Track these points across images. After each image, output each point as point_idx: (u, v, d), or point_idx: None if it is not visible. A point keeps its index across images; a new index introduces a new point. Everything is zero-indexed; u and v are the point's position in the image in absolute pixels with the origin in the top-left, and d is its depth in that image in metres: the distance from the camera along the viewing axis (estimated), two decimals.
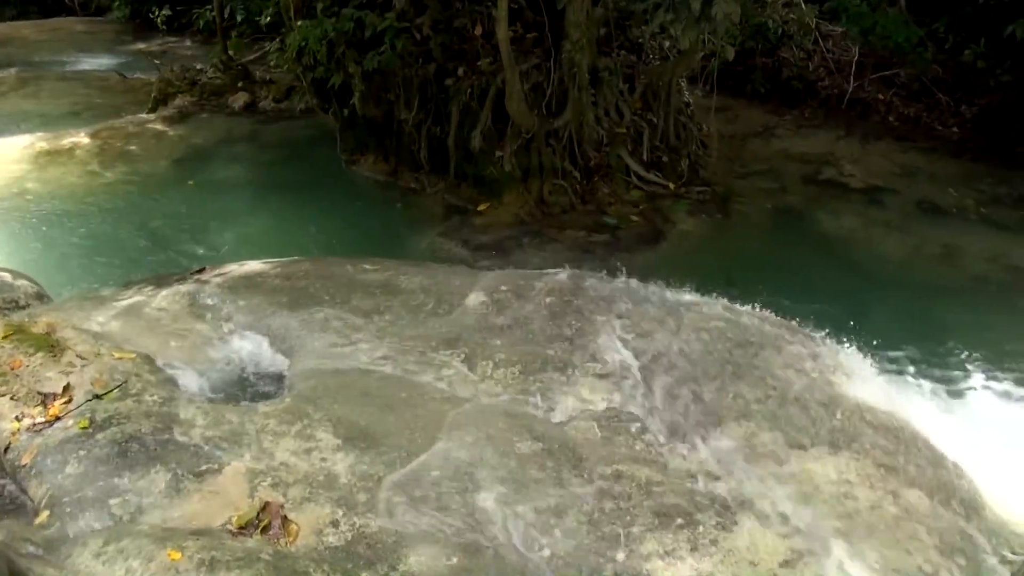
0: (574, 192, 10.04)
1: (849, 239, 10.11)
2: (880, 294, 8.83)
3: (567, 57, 9.60)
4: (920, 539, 3.40)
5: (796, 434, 3.85)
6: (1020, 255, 9.92)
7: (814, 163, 12.24)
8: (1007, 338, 8.28)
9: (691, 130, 11.17)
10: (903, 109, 14.36)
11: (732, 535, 3.17)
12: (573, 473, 3.49)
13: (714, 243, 9.83)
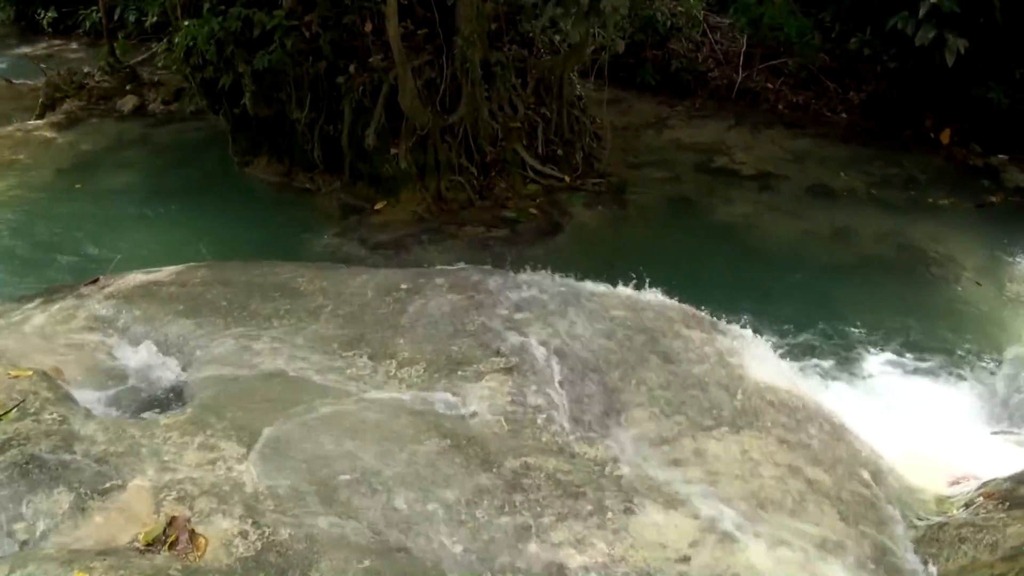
0: (471, 188, 10.05)
1: (743, 225, 10.31)
2: (775, 277, 9.05)
3: (459, 52, 9.60)
4: (825, 511, 3.50)
5: (699, 416, 3.93)
6: (910, 234, 10.26)
7: (706, 152, 12.45)
8: (899, 313, 8.55)
9: (584, 123, 11.27)
10: (792, 97, 14.70)
11: (641, 519, 3.22)
12: (482, 467, 3.51)
13: (612, 234, 9.94)
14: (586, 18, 9.60)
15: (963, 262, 9.68)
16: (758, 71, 14.89)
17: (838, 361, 7.68)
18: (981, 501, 3.87)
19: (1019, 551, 3.20)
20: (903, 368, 7.65)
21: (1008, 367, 7.44)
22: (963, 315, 8.68)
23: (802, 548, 3.20)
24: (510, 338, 4.32)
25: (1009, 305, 8.99)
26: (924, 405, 6.89)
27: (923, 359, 7.81)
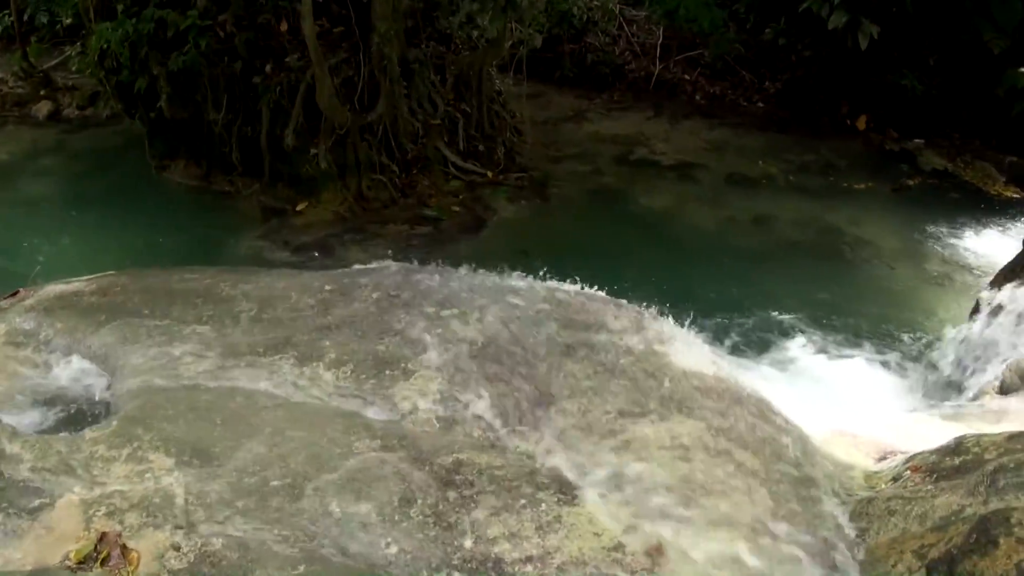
0: (393, 186, 10.01)
1: (665, 215, 10.42)
2: (698, 265, 9.16)
3: (376, 50, 9.54)
4: (756, 492, 3.54)
5: (628, 405, 3.96)
6: (829, 218, 10.46)
7: (626, 144, 12.54)
8: (821, 296, 8.72)
9: (505, 118, 11.29)
10: (709, 88, 14.87)
11: (575, 509, 3.24)
12: (414, 466, 3.49)
13: (535, 228, 9.98)
14: (503, 13, 9.62)
15: (882, 244, 9.91)
16: (675, 63, 15.03)
17: (763, 345, 7.81)
18: (909, 475, 3.96)
19: (948, 521, 3.27)
20: (827, 349, 7.80)
21: (929, 345, 7.61)
22: (883, 296, 8.87)
23: (734, 529, 3.24)
24: (437, 335, 4.30)
25: (927, 285, 9.22)
26: (849, 384, 7.04)
27: (846, 340, 7.98)
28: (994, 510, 3.05)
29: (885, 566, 3.24)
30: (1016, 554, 2.76)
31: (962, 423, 5.06)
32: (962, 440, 4.03)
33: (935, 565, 3.03)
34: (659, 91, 14.61)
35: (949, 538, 3.10)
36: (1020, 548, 2.77)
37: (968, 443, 3.97)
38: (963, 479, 3.56)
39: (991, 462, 3.53)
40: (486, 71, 11.02)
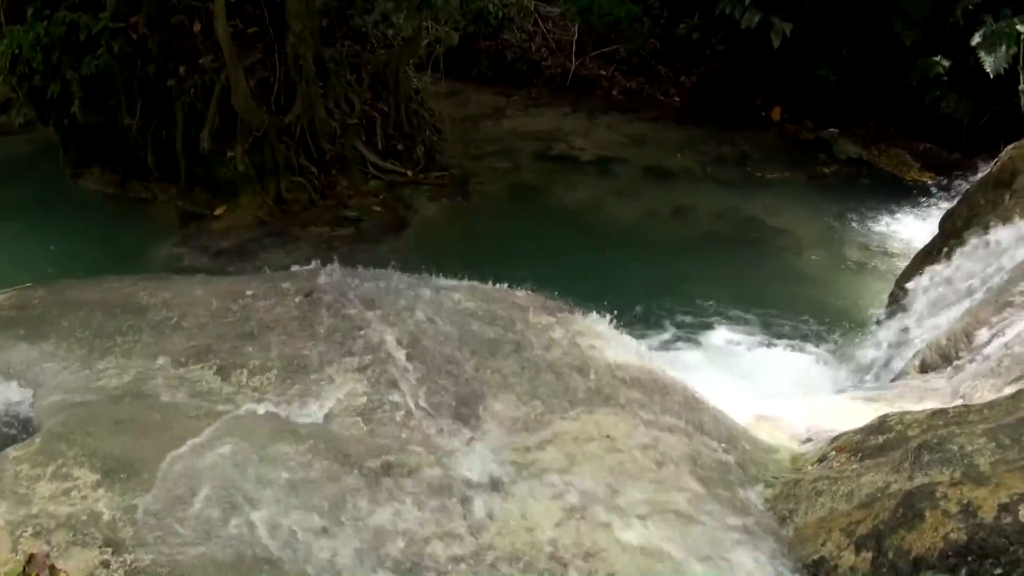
0: (313, 187, 9.93)
1: (585, 209, 10.48)
2: (620, 258, 9.23)
3: (291, 50, 9.45)
4: (683, 479, 3.58)
5: (555, 400, 3.97)
6: (748, 209, 10.62)
7: (545, 140, 12.60)
8: (742, 285, 8.85)
9: (423, 116, 11.27)
10: (625, 83, 14.99)
11: (506, 506, 3.23)
12: (343, 470, 3.46)
13: (457, 226, 9.97)
14: (418, 11, 9.59)
15: (800, 232, 10.08)
16: (591, 58, 15.12)
17: (687, 334, 7.90)
18: (834, 455, 4.02)
19: (874, 498, 3.34)
20: (750, 337, 7.91)
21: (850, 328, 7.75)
22: (804, 282, 9.03)
23: (665, 517, 3.27)
24: (362, 337, 4.27)
25: (846, 270, 9.41)
26: (772, 370, 7.15)
27: (768, 327, 8.10)
28: (919, 485, 3.11)
29: (814, 545, 3.28)
30: (942, 527, 2.82)
31: (885, 402, 5.15)
32: (885, 419, 4.10)
33: (863, 541, 3.08)
34: (576, 87, 14.70)
35: (876, 514, 3.15)
36: (946, 521, 2.82)
37: (891, 421, 4.05)
38: (888, 457, 3.63)
39: (914, 439, 3.60)
40: (403, 70, 10.99)
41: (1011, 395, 4.05)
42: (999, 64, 11.05)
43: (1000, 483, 2.87)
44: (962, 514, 2.82)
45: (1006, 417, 3.50)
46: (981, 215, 7.05)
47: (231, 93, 9.24)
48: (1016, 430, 3.29)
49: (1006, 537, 2.68)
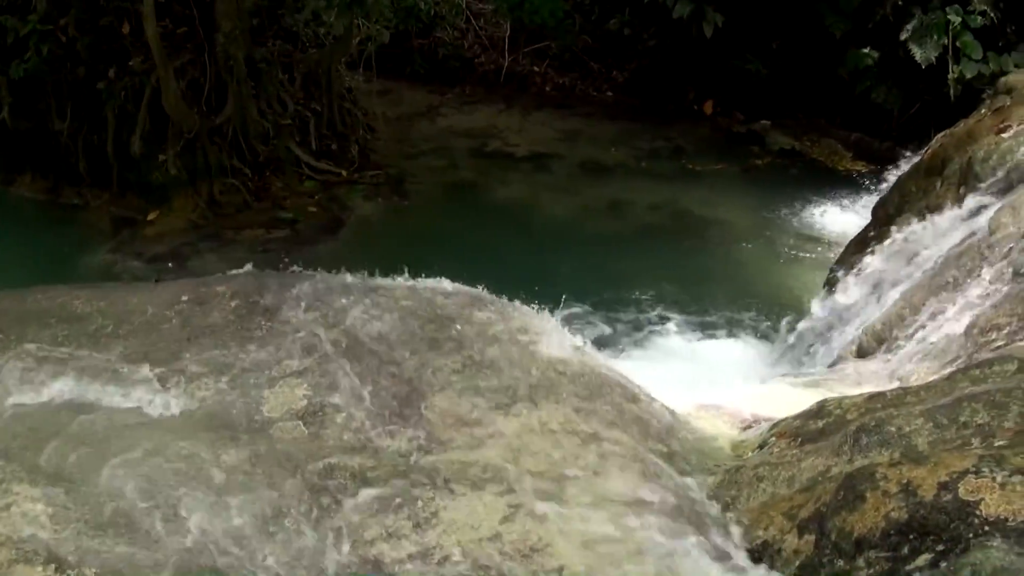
0: (247, 189, 9.82)
1: (522, 205, 10.50)
2: (558, 253, 9.26)
3: (222, 50, 9.34)
4: (626, 471, 3.59)
5: (497, 396, 3.96)
6: (683, 202, 10.71)
7: (480, 137, 12.59)
8: (679, 277, 8.92)
9: (357, 115, 11.22)
10: (558, 79, 15.04)
11: (451, 504, 3.22)
12: (285, 475, 3.42)
13: (394, 225, 9.94)
14: (349, 9, 9.53)
15: (735, 223, 10.19)
16: (524, 55, 15.15)
17: (626, 327, 7.95)
18: (774, 441, 4.07)
19: (815, 481, 3.38)
20: (688, 328, 7.98)
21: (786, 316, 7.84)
22: (740, 273, 9.13)
23: (609, 509, 3.28)
24: (300, 340, 4.23)
25: (781, 259, 9.53)
26: (710, 359, 7.22)
27: (706, 317, 8.18)
28: (859, 467, 3.15)
29: (757, 530, 3.31)
30: (883, 506, 2.86)
31: (823, 388, 5.23)
32: (824, 404, 4.16)
33: (806, 524, 3.11)
34: (510, 83, 14.72)
35: (817, 497, 3.19)
36: (887, 501, 2.86)
37: (830, 406, 4.10)
38: (827, 441, 3.68)
39: (853, 422, 3.65)
40: (335, 69, 10.92)
41: (947, 376, 4.13)
42: (929, 55, 11.26)
43: (939, 462, 2.92)
44: (902, 494, 2.86)
45: (943, 398, 3.55)
46: (913, 202, 7.17)
47: (161, 95, 9.11)
48: (953, 410, 3.35)
49: (946, 514, 2.72)
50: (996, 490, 2.71)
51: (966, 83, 10.99)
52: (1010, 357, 3.91)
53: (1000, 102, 7.34)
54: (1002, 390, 3.41)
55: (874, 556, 2.79)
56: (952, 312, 5.61)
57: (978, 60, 11.07)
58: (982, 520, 2.66)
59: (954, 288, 5.79)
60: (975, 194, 6.46)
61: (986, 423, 3.22)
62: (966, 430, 3.23)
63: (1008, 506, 2.66)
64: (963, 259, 5.94)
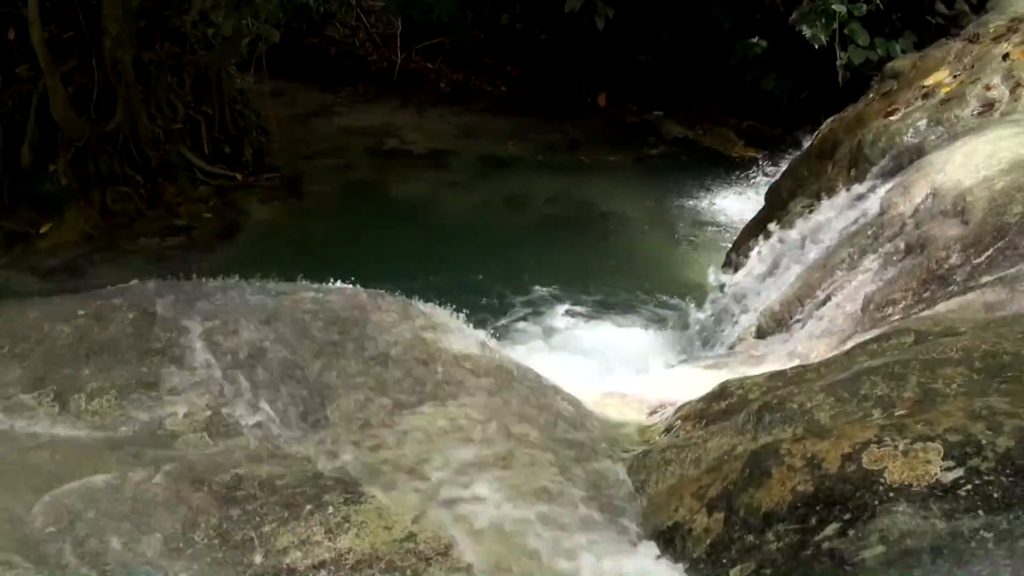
0: (140, 197, 9.61)
1: (422, 203, 10.48)
2: (459, 249, 9.27)
3: (109, 54, 9.11)
4: (537, 462, 3.61)
5: (404, 395, 3.95)
6: (579, 193, 10.80)
7: (376, 135, 12.53)
8: (580, 268, 9.00)
9: (249, 117, 11.05)
10: (452, 75, 15.04)
11: (362, 507, 3.20)
12: (193, 489, 3.35)
13: (292, 228, 9.83)
14: (237, 9, 9.37)
15: (632, 213, 10.32)
16: (417, 52, 15.10)
17: (530, 320, 7.99)
18: (680, 424, 4.13)
19: (721, 461, 3.43)
20: (592, 317, 8.05)
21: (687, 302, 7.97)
22: (640, 261, 9.25)
23: (522, 502, 3.29)
24: (200, 350, 4.15)
25: (680, 246, 9.67)
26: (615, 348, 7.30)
27: (609, 306, 8.27)
28: (763, 444, 3.21)
29: (668, 512, 3.36)
30: (789, 481, 2.92)
31: (725, 369, 5.33)
32: (726, 385, 4.23)
33: (715, 503, 3.16)
34: (404, 81, 14.67)
35: (724, 476, 3.24)
36: (792, 475, 2.93)
37: (732, 387, 4.18)
38: (731, 421, 3.74)
39: (755, 401, 3.72)
40: (225, 70, 10.74)
41: (845, 352, 4.23)
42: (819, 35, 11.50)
43: (841, 435, 2.99)
44: (807, 467, 2.92)
45: (842, 373, 3.63)
46: (805, 186, 7.35)
47: (50, 103, 8.86)
48: (853, 384, 3.43)
49: (852, 484, 2.78)
50: (899, 458, 2.79)
51: (854, 69, 11.27)
52: (907, 330, 4.02)
53: (887, 86, 7.57)
54: (900, 362, 3.49)
55: (783, 529, 2.85)
56: (848, 290, 5.76)
57: (865, 47, 11.36)
58: (887, 487, 2.72)
59: (849, 267, 5.95)
60: (866, 176, 6.65)
61: (886, 394, 3.30)
62: (867, 402, 3.30)
63: (911, 472, 2.73)
64: (857, 238, 6.10)
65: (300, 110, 13.22)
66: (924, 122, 6.55)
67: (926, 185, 5.77)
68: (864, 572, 2.55)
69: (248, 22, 10.66)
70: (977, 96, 6.48)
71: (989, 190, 5.28)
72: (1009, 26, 6.90)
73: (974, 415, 2.89)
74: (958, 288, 4.90)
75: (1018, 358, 3.29)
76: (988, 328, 3.72)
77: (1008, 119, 6.13)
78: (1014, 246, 4.85)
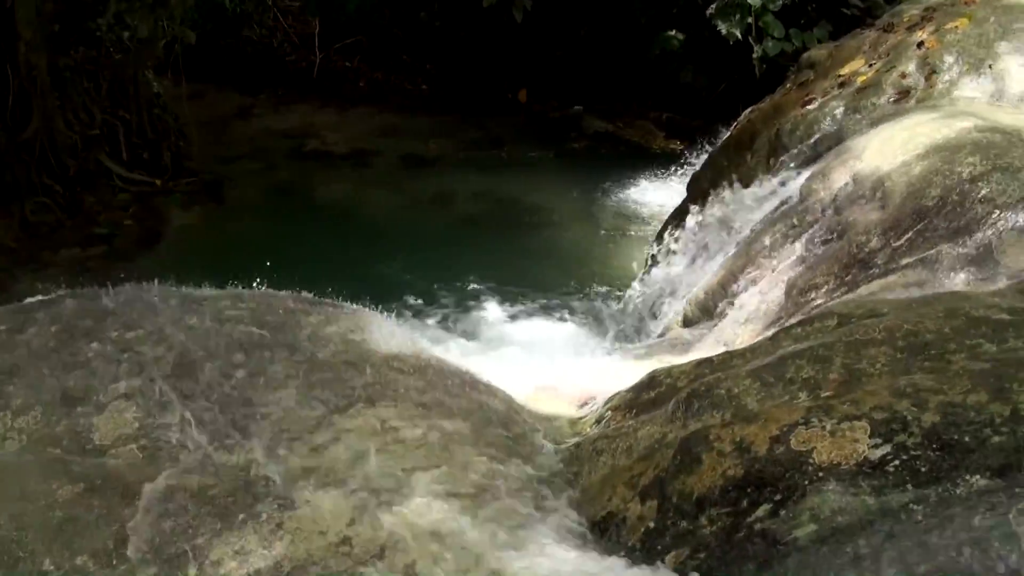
0: (59, 207, 9.43)
1: (346, 203, 10.43)
2: (385, 249, 9.25)
3: (24, 60, 8.90)
4: (471, 459, 3.61)
5: (334, 398, 3.92)
6: (504, 190, 10.84)
7: (297, 137, 12.45)
8: (508, 264, 9.03)
9: (168, 121, 10.89)
10: (372, 74, 14.97)
11: (295, 513, 3.17)
12: (123, 504, 3.30)
13: (215, 233, 9.73)
14: (152, 11, 9.23)
15: (557, 207, 10.38)
16: (336, 51, 15.01)
17: (459, 318, 8.00)
18: (610, 415, 4.17)
19: (652, 449, 3.47)
20: (521, 313, 8.08)
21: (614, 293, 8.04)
22: (566, 255, 9.30)
23: (456, 499, 3.29)
24: (127, 361, 4.08)
25: (605, 239, 9.75)
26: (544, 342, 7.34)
27: (536, 301, 8.31)
28: (693, 431, 3.25)
29: (601, 502, 3.38)
30: (720, 466, 2.96)
31: (653, 359, 5.38)
32: (654, 374, 4.28)
33: (647, 491, 3.20)
34: (323, 81, 14.58)
35: (656, 464, 3.28)
36: (722, 460, 2.97)
37: (660, 375, 4.23)
38: (661, 409, 3.78)
39: (683, 389, 3.76)
40: (142, 74, 10.56)
41: (770, 337, 4.30)
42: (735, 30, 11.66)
43: (769, 418, 3.03)
44: (737, 451, 2.97)
45: (768, 357, 3.69)
46: (726, 175, 7.46)
47: None
48: (778, 368, 3.48)
49: (781, 465, 2.83)
50: (826, 438, 2.84)
51: (770, 60, 11.46)
52: (830, 313, 4.10)
53: (804, 76, 7.72)
54: (824, 344, 3.55)
55: (715, 513, 2.89)
56: (772, 276, 5.85)
57: (780, 38, 11.55)
58: (815, 467, 2.78)
59: (771, 253, 6.05)
60: (785, 164, 6.77)
61: (811, 377, 3.35)
62: (793, 385, 3.35)
63: (839, 451, 2.79)
64: (778, 225, 6.21)
65: (219, 113, 13.05)
66: (841, 110, 6.69)
67: (845, 171, 5.89)
68: (796, 551, 2.59)
69: (164, 24, 10.51)
70: (893, 84, 6.63)
71: (907, 175, 5.40)
72: (923, 15, 7.07)
73: (899, 393, 2.96)
74: (879, 271, 5.02)
75: (940, 336, 3.37)
76: (910, 308, 3.81)
77: (924, 105, 6.28)
78: (933, 228, 4.98)
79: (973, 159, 5.18)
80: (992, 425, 2.72)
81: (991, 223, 4.77)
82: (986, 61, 6.35)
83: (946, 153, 5.36)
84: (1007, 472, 2.56)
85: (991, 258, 4.60)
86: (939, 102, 6.26)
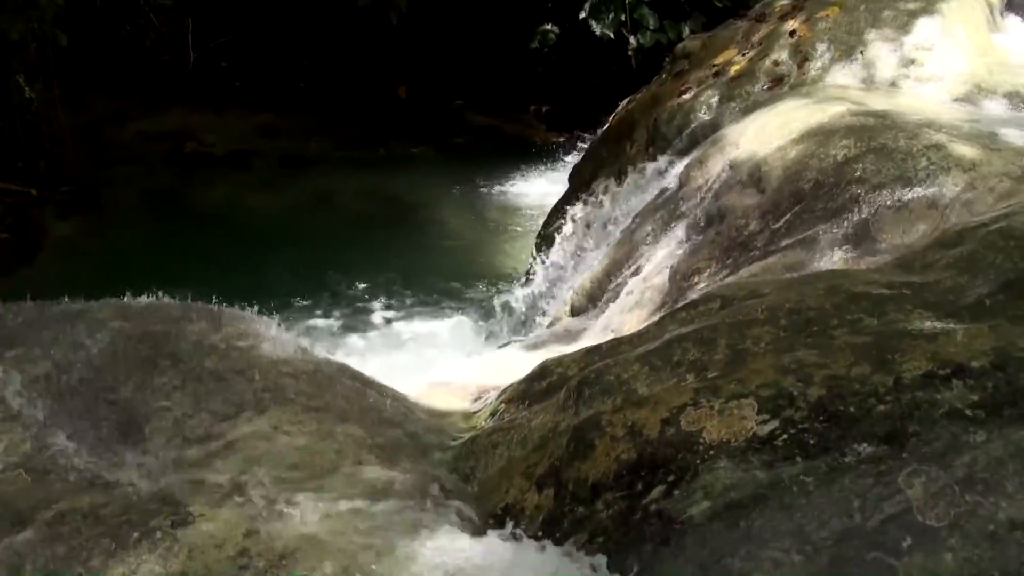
0: None
1: (227, 206, 10.27)
2: (269, 252, 9.13)
3: None
4: (366, 460, 3.60)
5: (223, 407, 3.87)
6: (387, 187, 10.80)
7: (174, 139, 12.21)
8: (395, 263, 9.00)
9: (41, 127, 10.56)
10: (249, 73, 14.73)
11: (191, 528, 3.12)
12: (13, 530, 3.20)
13: (95, 242, 9.49)
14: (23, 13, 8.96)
15: (441, 203, 10.39)
16: (211, 50, 14.75)
17: (348, 320, 7.96)
18: (504, 407, 4.21)
19: (546, 439, 3.52)
20: (409, 310, 8.07)
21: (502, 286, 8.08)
22: (453, 251, 9.32)
23: (351, 503, 3.27)
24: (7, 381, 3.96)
25: (491, 233, 9.79)
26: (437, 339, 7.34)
27: (424, 298, 8.31)
28: (585, 418, 3.30)
29: (499, 494, 3.42)
30: (613, 451, 3.02)
31: (544, 349, 5.45)
32: (545, 364, 4.33)
33: (543, 480, 3.24)
34: (199, 81, 14.30)
35: (551, 453, 3.33)
36: (615, 445, 3.03)
37: (551, 365, 4.28)
38: (553, 399, 3.83)
39: (574, 378, 3.81)
40: (13, 79, 10.23)
41: (656, 322, 4.39)
42: (607, 30, 11.83)
43: (659, 401, 3.10)
44: (629, 435, 3.03)
45: (654, 342, 3.75)
46: (605, 166, 7.57)
47: None
48: (665, 352, 3.55)
49: (673, 447, 2.90)
50: (715, 417, 2.93)
51: (646, 52, 11.65)
52: (714, 296, 4.19)
53: (680, 67, 7.87)
54: (709, 327, 3.64)
55: (611, 497, 2.94)
56: (655, 263, 5.96)
57: (655, 30, 11.76)
58: (706, 446, 2.85)
59: (654, 241, 6.16)
60: (663, 153, 6.90)
61: (698, 359, 3.43)
62: (680, 368, 3.43)
63: (728, 429, 2.87)
64: (659, 213, 6.33)
65: (94, 117, 12.70)
66: (716, 99, 6.84)
67: (722, 158, 6.03)
68: (692, 528, 2.65)
69: (35, 27, 10.19)
70: (766, 72, 6.81)
71: (783, 159, 5.56)
72: (794, 4, 7.26)
73: (784, 369, 3.06)
74: (759, 253, 5.15)
75: (822, 313, 3.47)
76: (791, 287, 3.91)
77: (797, 92, 6.46)
78: (810, 210, 5.14)
79: (847, 142, 5.34)
80: (876, 395, 2.82)
81: (867, 202, 4.93)
82: (857, 48, 6.55)
83: (820, 137, 5.53)
84: (893, 439, 2.66)
85: (869, 236, 4.76)
86: (812, 88, 6.45)
